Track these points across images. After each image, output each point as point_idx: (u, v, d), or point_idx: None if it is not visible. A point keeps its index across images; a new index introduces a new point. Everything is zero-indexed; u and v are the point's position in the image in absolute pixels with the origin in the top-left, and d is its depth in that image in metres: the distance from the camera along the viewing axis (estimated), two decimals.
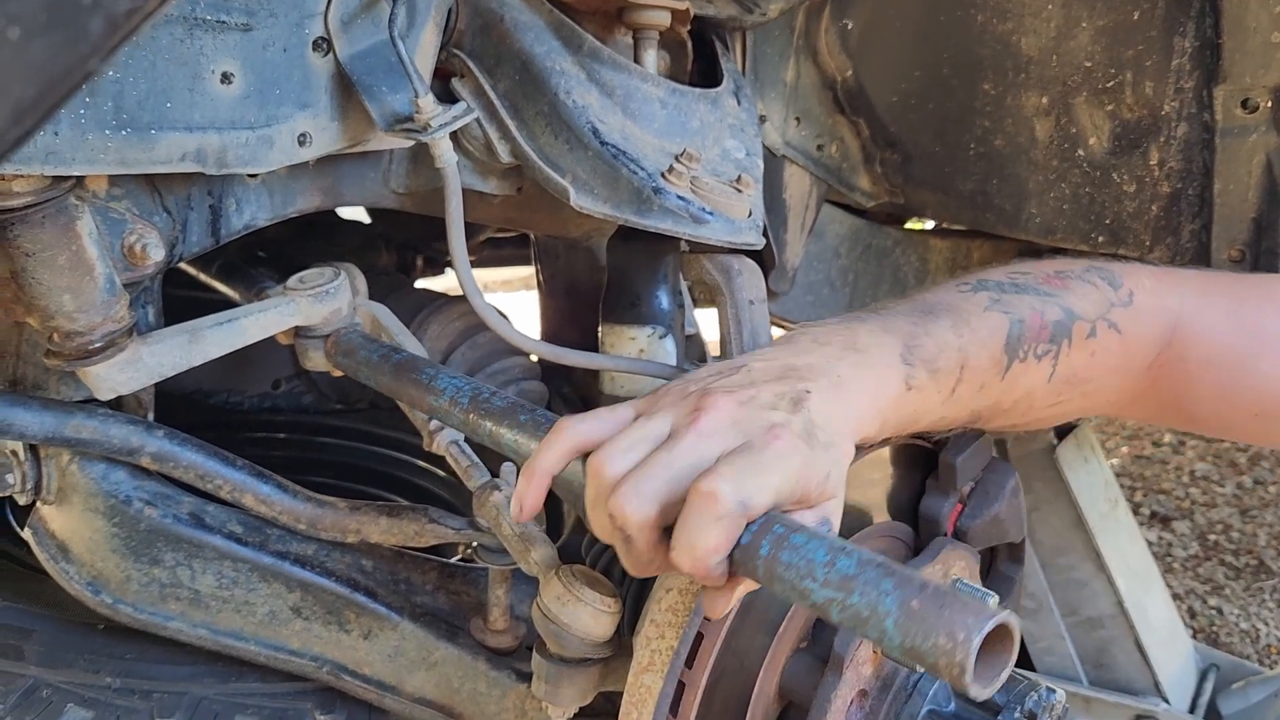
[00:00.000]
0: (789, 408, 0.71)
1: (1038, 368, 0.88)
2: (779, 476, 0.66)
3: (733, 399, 0.71)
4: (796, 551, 0.61)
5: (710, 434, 0.68)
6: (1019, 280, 0.90)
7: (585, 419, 0.74)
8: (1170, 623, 1.83)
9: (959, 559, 0.92)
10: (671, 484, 0.66)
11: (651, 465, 0.67)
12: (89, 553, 1.02)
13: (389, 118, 0.96)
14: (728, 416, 0.69)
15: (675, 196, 0.99)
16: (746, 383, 0.73)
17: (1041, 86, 1.39)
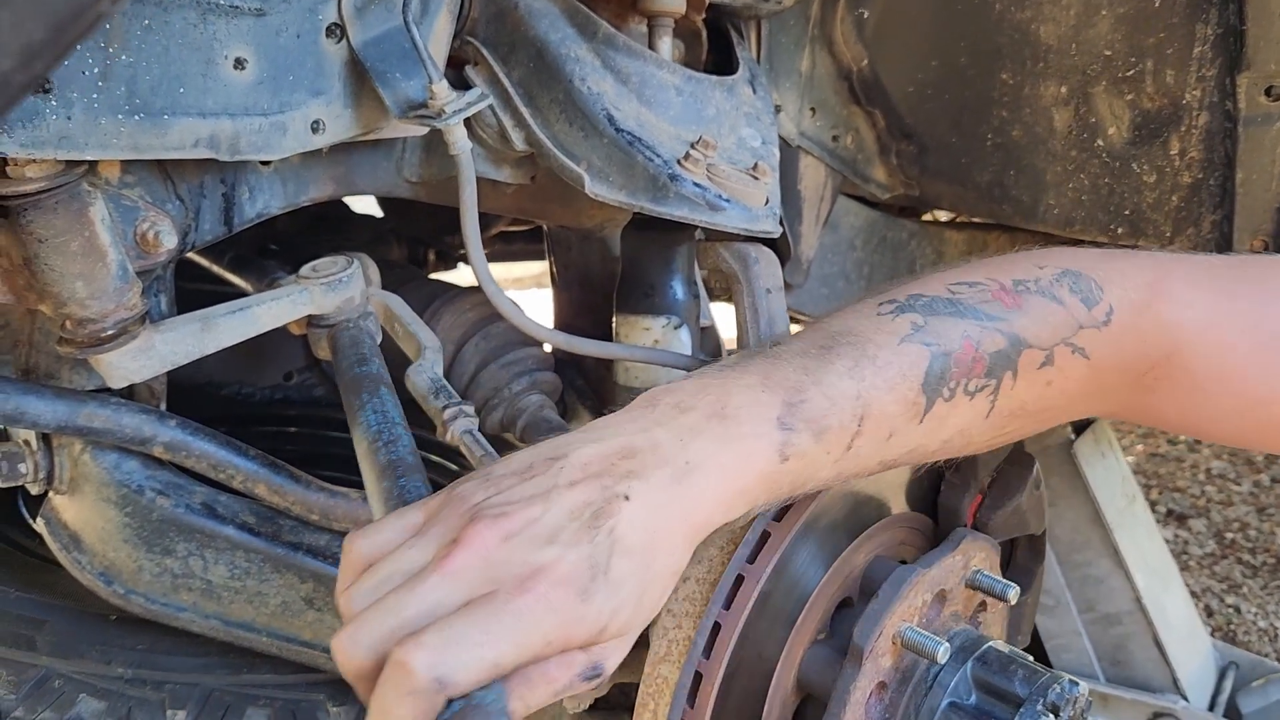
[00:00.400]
0: (581, 530, 0.61)
1: (971, 405, 0.76)
2: (509, 644, 0.57)
3: (497, 530, 0.60)
4: None
5: (457, 576, 0.59)
6: (959, 297, 0.77)
7: (371, 534, 0.65)
8: (1189, 620, 1.81)
9: (980, 550, 0.91)
10: (396, 633, 0.57)
11: (380, 610, 0.58)
12: (101, 543, 1.02)
13: (403, 104, 0.95)
14: (481, 557, 0.59)
15: (691, 183, 0.98)
16: (542, 492, 0.63)
17: (1060, 76, 1.37)
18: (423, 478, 0.80)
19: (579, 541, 0.61)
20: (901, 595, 0.83)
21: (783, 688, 0.85)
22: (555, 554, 0.60)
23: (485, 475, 0.66)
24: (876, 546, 0.91)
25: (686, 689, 0.79)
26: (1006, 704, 0.82)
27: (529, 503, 0.62)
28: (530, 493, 0.63)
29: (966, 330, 0.74)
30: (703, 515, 0.67)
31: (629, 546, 0.62)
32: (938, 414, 0.74)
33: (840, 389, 0.71)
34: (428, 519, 0.65)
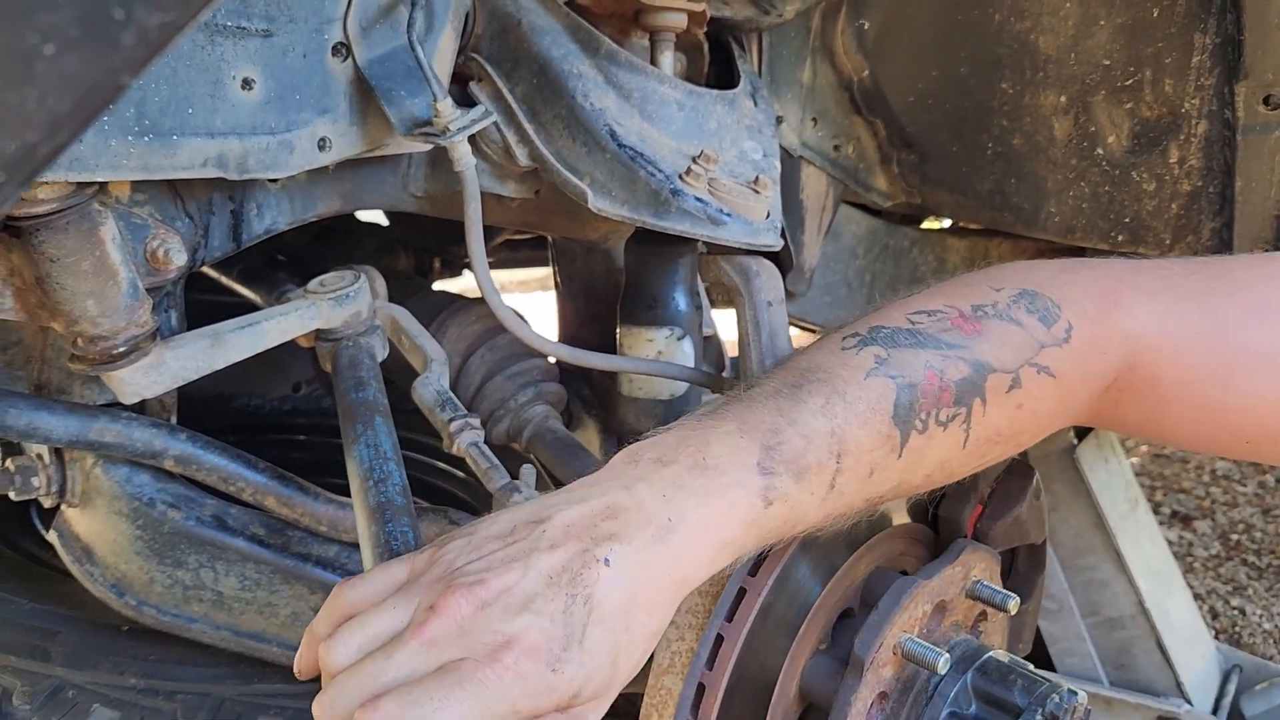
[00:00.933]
0: (557, 597, 0.62)
1: (945, 436, 0.76)
2: (471, 711, 0.57)
3: (472, 599, 0.61)
4: None
5: (431, 645, 0.60)
6: (919, 328, 0.77)
7: (357, 586, 0.67)
8: (1192, 623, 1.82)
9: (980, 560, 0.92)
10: (373, 695, 0.59)
11: (357, 675, 0.60)
12: (113, 555, 1.03)
13: (407, 122, 0.96)
14: (455, 625, 0.60)
15: (693, 198, 0.99)
16: (521, 557, 0.63)
17: (1060, 85, 1.38)
18: (411, 521, 0.82)
19: (553, 610, 0.61)
20: (902, 606, 0.84)
21: (785, 698, 0.86)
22: (527, 622, 0.60)
23: (469, 535, 0.67)
24: (877, 558, 0.92)
25: (690, 701, 0.81)
26: (1006, 713, 0.83)
27: (506, 569, 0.63)
28: (509, 557, 0.63)
29: (929, 360, 0.75)
30: (685, 572, 0.67)
31: (606, 613, 0.63)
32: (914, 447, 0.75)
33: (815, 427, 0.71)
34: (411, 578, 0.66)
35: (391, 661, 0.60)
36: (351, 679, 0.60)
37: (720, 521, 0.68)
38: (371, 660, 0.61)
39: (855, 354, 0.75)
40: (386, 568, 0.68)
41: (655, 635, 0.67)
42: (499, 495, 0.95)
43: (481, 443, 1.00)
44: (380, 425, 0.90)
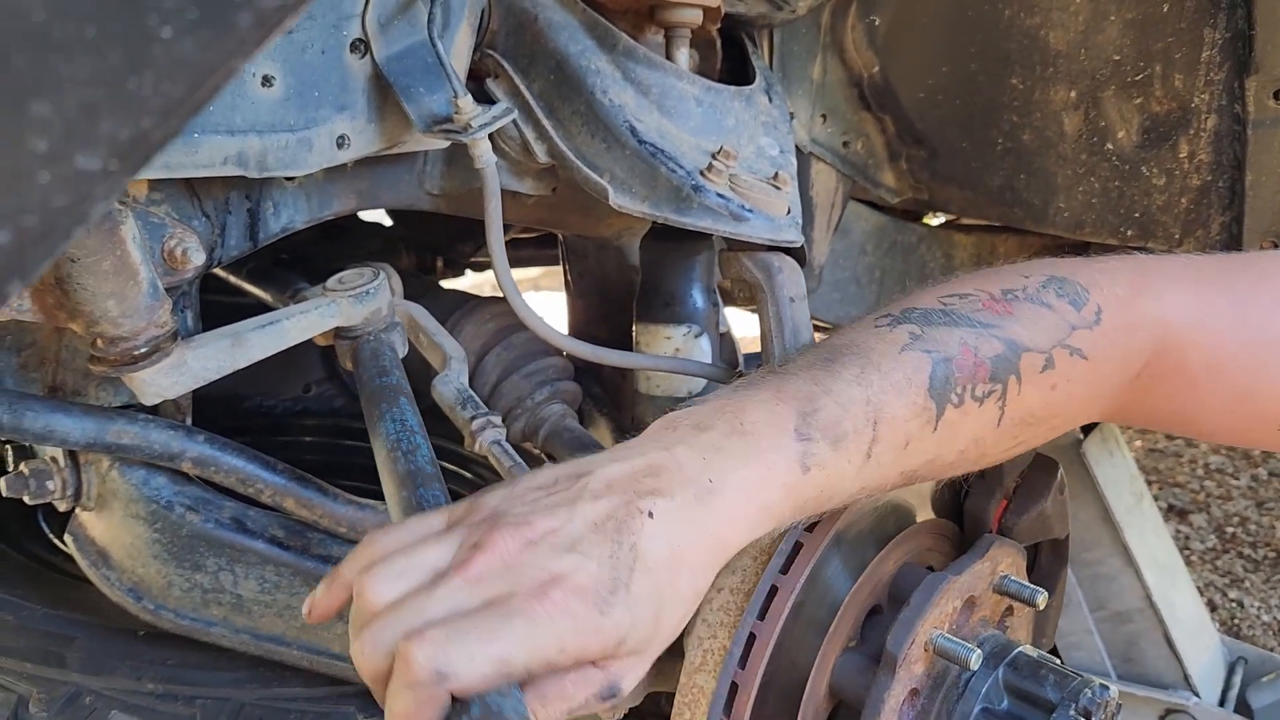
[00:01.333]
0: (603, 541, 0.61)
1: (980, 412, 0.76)
2: (518, 644, 0.56)
3: (518, 537, 0.60)
4: None
5: (477, 580, 0.59)
6: (952, 308, 0.78)
7: (392, 532, 0.65)
8: (1197, 616, 1.83)
9: (1007, 555, 0.92)
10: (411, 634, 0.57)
11: (400, 610, 0.58)
12: (130, 559, 1.02)
13: (427, 119, 0.96)
14: (501, 561, 0.59)
15: (715, 194, 0.98)
16: (565, 503, 0.63)
17: (1070, 80, 1.38)
18: (441, 488, 0.81)
19: (601, 553, 0.60)
20: (933, 603, 0.84)
21: (815, 695, 0.86)
22: (575, 562, 0.60)
23: (509, 488, 0.67)
24: (905, 554, 0.92)
25: (723, 699, 0.80)
26: (1039, 709, 0.83)
27: (552, 512, 0.62)
28: (554, 504, 0.63)
29: (963, 337, 0.75)
30: (726, 534, 0.67)
31: (651, 563, 0.61)
32: (950, 421, 0.75)
33: (850, 395, 0.71)
34: (450, 524, 0.65)
35: (435, 597, 0.58)
36: (392, 615, 0.58)
37: (759, 485, 0.67)
38: (414, 596, 0.59)
39: (890, 331, 0.75)
40: (422, 517, 0.67)
41: (697, 596, 0.66)
42: None
43: (504, 440, 0.99)
44: (405, 405, 0.89)
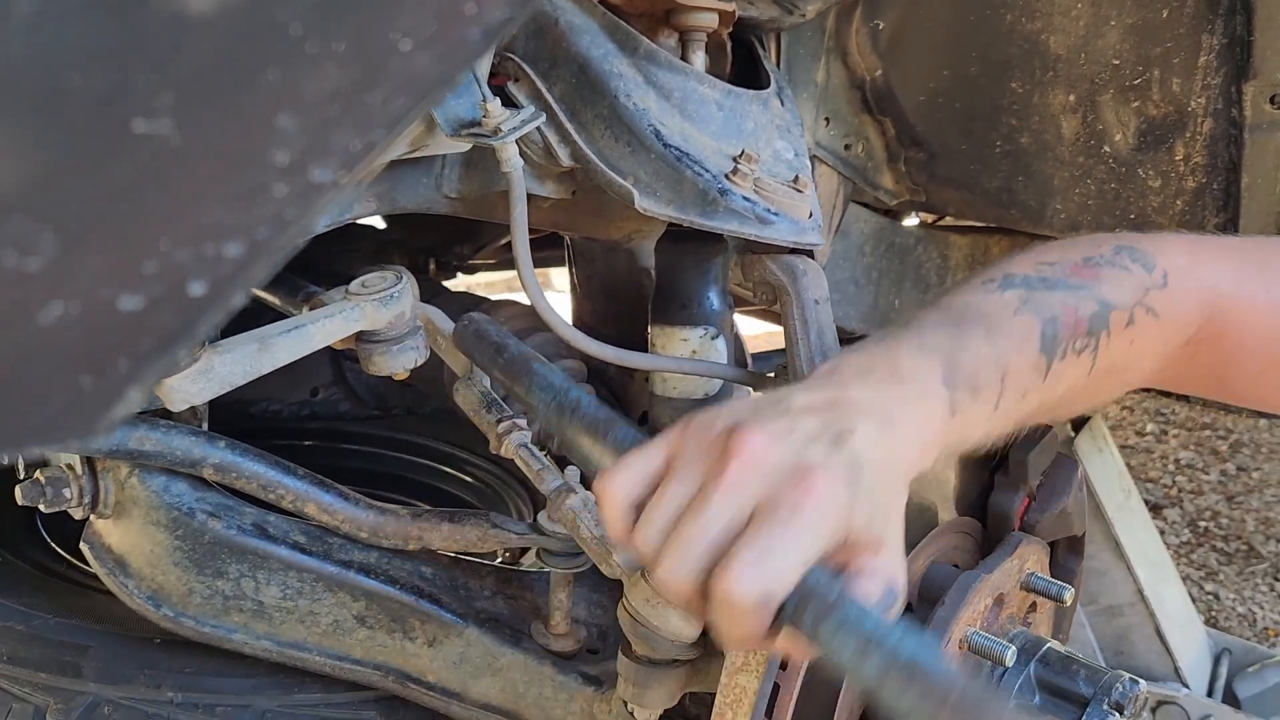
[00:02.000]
0: (829, 445, 0.64)
1: (1078, 363, 0.84)
2: (810, 539, 0.60)
3: (764, 435, 0.63)
4: (839, 628, 0.57)
5: (739, 485, 0.62)
6: (1047, 275, 0.85)
7: (619, 474, 0.67)
8: (1185, 609, 1.86)
9: (1033, 553, 0.94)
10: (709, 552, 0.61)
11: (681, 541, 0.62)
12: (149, 566, 1.01)
13: (454, 123, 0.96)
14: (757, 460, 0.62)
15: (741, 198, 0.99)
16: (783, 413, 0.66)
17: (1069, 84, 1.41)
18: (627, 423, 0.78)
19: (836, 451, 0.63)
20: (968, 601, 0.85)
21: (851, 693, 0.87)
22: (821, 454, 0.63)
23: (706, 414, 0.68)
24: (933, 553, 0.93)
25: (766, 699, 0.81)
26: (1072, 704, 0.85)
27: (779, 418, 0.65)
28: (775, 414, 0.66)
29: (1064, 299, 0.82)
30: (910, 459, 0.70)
31: (870, 462, 0.65)
32: (1056, 372, 0.82)
33: (983, 353, 0.77)
34: (672, 452, 0.67)
35: (707, 516, 0.62)
36: (676, 547, 0.62)
37: (921, 423, 0.71)
38: (686, 524, 0.62)
39: (1001, 294, 0.82)
40: (639, 452, 0.68)
41: (900, 508, 0.68)
42: (554, 496, 0.95)
43: (530, 443, 0.99)
44: (541, 368, 0.87)
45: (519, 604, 1.13)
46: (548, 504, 0.96)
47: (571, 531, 0.94)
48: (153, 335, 0.28)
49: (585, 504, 0.94)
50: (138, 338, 0.27)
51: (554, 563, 1.05)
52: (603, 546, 0.91)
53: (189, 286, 0.27)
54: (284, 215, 0.28)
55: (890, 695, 0.55)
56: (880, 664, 0.55)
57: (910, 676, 0.55)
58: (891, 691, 0.55)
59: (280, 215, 0.28)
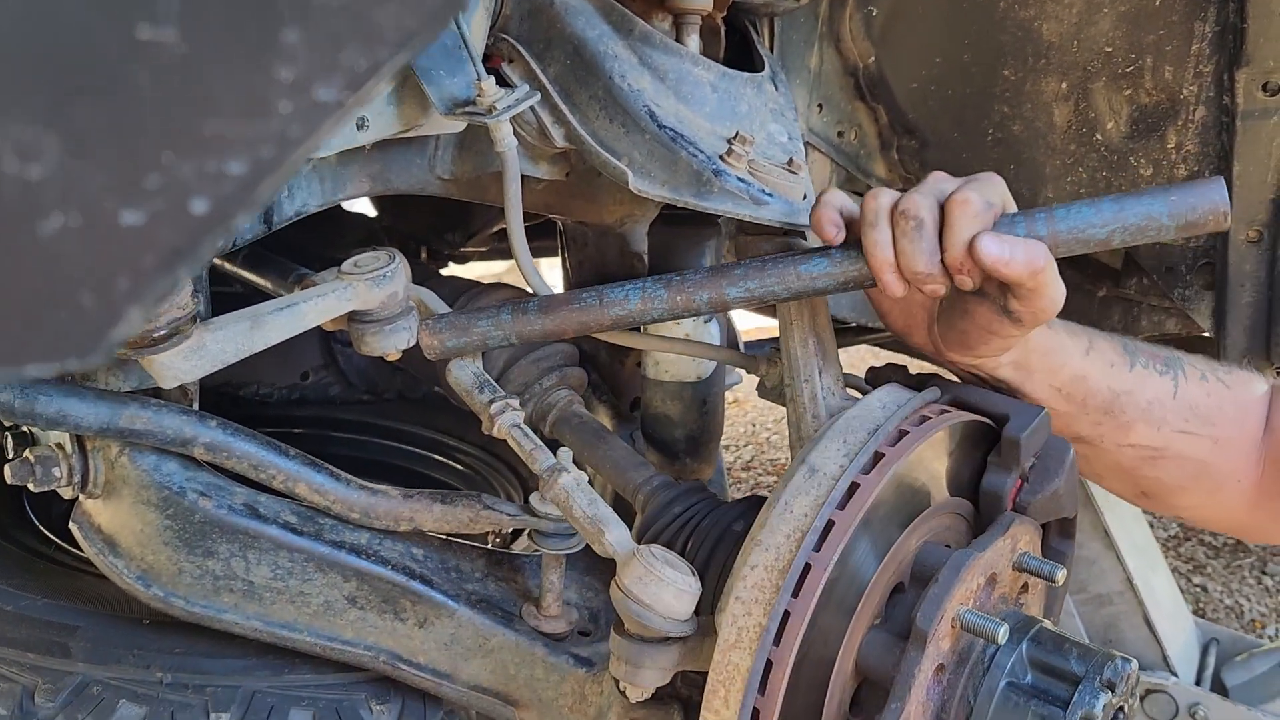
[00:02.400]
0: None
1: (1160, 381, 1.03)
2: (1001, 187, 0.90)
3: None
4: (1067, 219, 0.86)
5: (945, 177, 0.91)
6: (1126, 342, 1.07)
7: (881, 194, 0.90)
8: (1174, 599, 1.87)
9: (1025, 533, 0.94)
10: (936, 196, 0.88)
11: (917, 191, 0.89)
12: (139, 546, 1.01)
13: (448, 102, 0.95)
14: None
15: (735, 179, 0.99)
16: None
17: (1061, 72, 1.41)
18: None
19: None
20: (960, 579, 0.85)
21: (843, 673, 0.87)
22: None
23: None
24: (926, 533, 0.93)
25: (759, 676, 0.81)
26: (1064, 682, 0.85)
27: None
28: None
29: (1141, 345, 1.07)
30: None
31: None
32: (1138, 374, 1.03)
33: (1070, 325, 1.03)
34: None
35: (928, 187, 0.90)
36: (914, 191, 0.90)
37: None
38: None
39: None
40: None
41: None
42: (547, 475, 0.94)
43: (522, 423, 0.99)
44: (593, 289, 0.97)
45: (510, 587, 1.13)
46: (540, 484, 0.95)
47: (564, 511, 0.93)
48: (154, 252, 0.28)
49: (578, 483, 0.93)
50: (139, 254, 0.27)
51: (546, 544, 1.05)
52: (595, 525, 0.91)
53: (191, 203, 0.26)
54: (288, 134, 0.28)
55: (1134, 212, 0.85)
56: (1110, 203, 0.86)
57: (1132, 199, 0.85)
58: (1130, 210, 0.85)
59: (284, 134, 0.28)
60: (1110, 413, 1.05)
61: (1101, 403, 1.04)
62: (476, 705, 1.07)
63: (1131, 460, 1.10)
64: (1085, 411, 1.05)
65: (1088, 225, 0.85)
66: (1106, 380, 1.03)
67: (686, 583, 0.86)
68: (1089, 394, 1.03)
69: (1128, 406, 1.04)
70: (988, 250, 0.84)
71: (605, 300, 0.96)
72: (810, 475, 0.86)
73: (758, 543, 0.84)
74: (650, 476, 1.10)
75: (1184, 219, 0.82)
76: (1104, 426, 1.07)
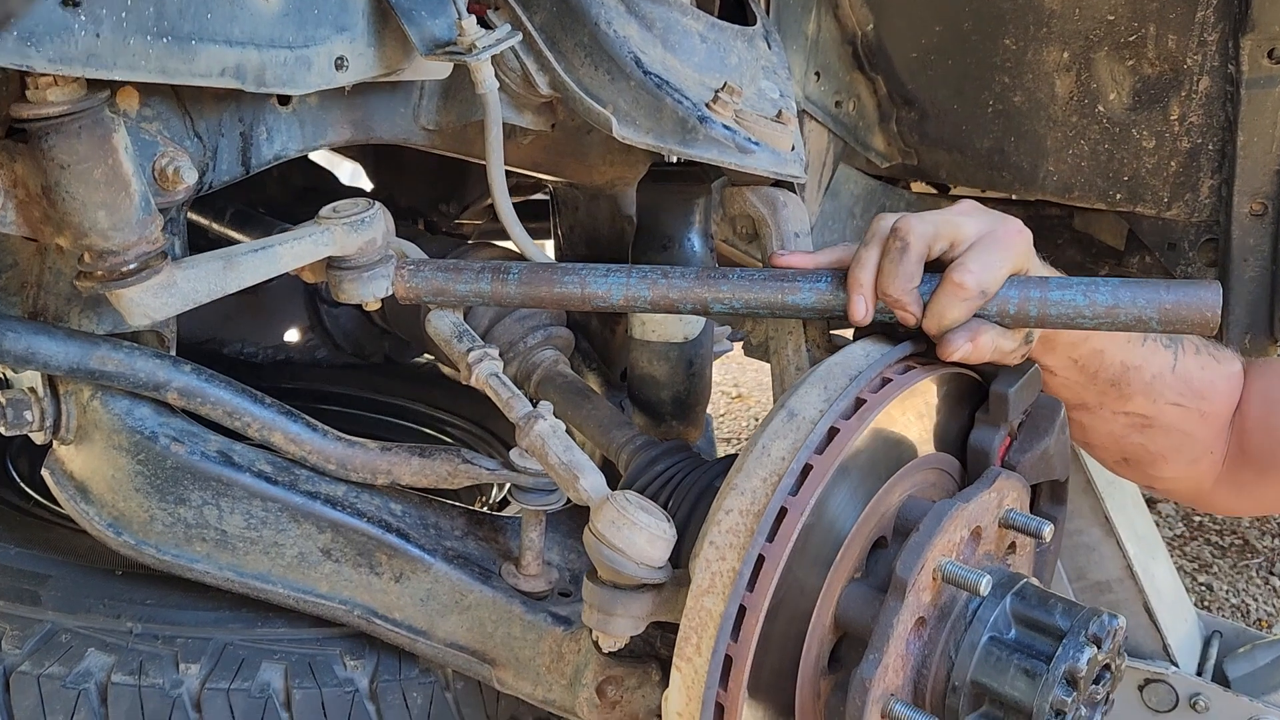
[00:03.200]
0: None
1: (1164, 354, 1.06)
2: (1013, 256, 0.87)
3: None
4: (1060, 305, 0.86)
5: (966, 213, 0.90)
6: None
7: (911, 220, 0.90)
8: (1175, 588, 1.84)
9: (1012, 489, 0.91)
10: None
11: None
12: (111, 492, 0.99)
13: (429, 42, 0.94)
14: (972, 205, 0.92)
15: (721, 126, 0.97)
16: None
17: (1063, 41, 1.39)
18: None
19: None
20: (942, 529, 0.83)
21: (821, 626, 0.84)
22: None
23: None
24: (909, 487, 0.91)
25: (731, 621, 0.79)
26: (1048, 637, 0.83)
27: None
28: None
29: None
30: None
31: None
32: (1148, 349, 1.06)
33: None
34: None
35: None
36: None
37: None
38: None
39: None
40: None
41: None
42: (523, 423, 0.92)
43: (501, 373, 0.97)
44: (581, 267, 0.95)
45: (491, 546, 1.11)
46: (516, 432, 0.94)
47: (539, 458, 0.91)
48: None
49: (554, 430, 0.91)
50: None
51: (525, 500, 1.03)
52: (570, 472, 0.89)
53: None
54: None
55: (1125, 308, 0.85)
56: (1107, 292, 0.86)
57: (1125, 287, 0.85)
58: (1125, 304, 0.85)
59: None
60: (1116, 384, 1.07)
61: (1112, 375, 1.06)
62: (452, 662, 1.05)
63: (1122, 427, 1.11)
64: (1094, 382, 1.07)
65: (1077, 315, 0.86)
66: (1121, 354, 1.05)
67: (660, 528, 0.84)
68: (1102, 366, 1.05)
69: (1134, 379, 1.07)
70: (950, 349, 0.87)
71: (587, 289, 0.95)
72: (789, 419, 0.83)
73: (733, 487, 0.82)
74: (633, 435, 1.08)
75: (1172, 323, 0.84)
76: (1107, 396, 1.09)
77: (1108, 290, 0.85)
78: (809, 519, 0.80)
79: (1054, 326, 0.88)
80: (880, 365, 0.87)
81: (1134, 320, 0.85)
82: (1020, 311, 0.88)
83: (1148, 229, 1.50)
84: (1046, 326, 0.88)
